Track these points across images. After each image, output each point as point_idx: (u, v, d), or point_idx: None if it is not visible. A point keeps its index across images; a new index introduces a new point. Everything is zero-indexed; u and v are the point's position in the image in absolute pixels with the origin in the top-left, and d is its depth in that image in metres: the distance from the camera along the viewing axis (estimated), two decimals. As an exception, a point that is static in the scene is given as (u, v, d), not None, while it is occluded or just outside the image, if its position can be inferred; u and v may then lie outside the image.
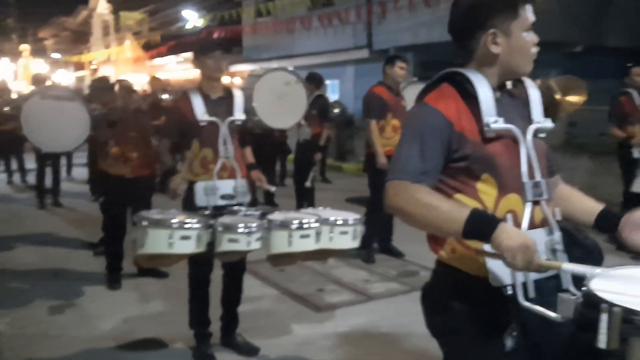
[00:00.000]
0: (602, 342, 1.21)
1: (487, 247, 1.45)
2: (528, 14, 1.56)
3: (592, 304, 1.27)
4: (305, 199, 6.91)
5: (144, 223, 2.73)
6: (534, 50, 1.59)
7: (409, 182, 1.50)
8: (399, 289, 4.50)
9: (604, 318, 1.21)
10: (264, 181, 3.32)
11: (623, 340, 1.20)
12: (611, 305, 1.21)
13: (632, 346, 1.20)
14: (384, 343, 3.55)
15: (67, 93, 4.97)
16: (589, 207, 1.68)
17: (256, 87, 4.88)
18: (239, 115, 3.30)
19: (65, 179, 9.14)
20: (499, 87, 1.63)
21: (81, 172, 9.28)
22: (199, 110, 3.18)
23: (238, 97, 3.35)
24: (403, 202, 1.50)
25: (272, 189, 3.31)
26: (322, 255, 3.07)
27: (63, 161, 8.75)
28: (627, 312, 1.20)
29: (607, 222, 1.61)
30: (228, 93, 3.36)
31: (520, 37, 1.56)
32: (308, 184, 6.72)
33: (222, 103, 3.28)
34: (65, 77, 29.04)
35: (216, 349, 3.39)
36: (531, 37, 1.58)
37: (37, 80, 8.07)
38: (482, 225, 1.41)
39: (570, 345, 1.47)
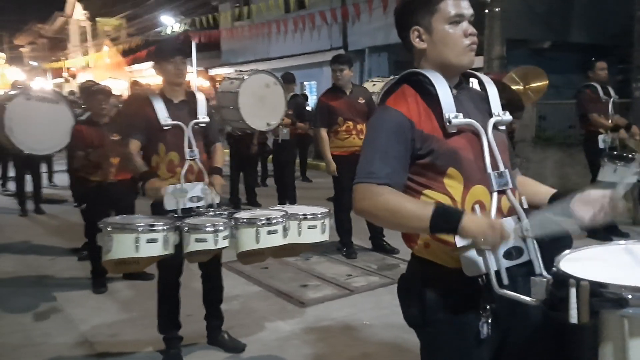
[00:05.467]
0: (573, 317, 1.24)
1: (457, 239, 1.50)
2: (450, 7, 1.60)
3: (561, 281, 1.30)
4: (287, 197, 7.00)
5: (109, 229, 2.74)
6: (467, 41, 1.62)
7: (373, 184, 1.54)
8: (380, 282, 4.60)
9: (572, 293, 1.25)
10: (217, 186, 3.25)
11: (594, 313, 1.23)
12: (578, 280, 1.26)
13: (603, 318, 1.25)
14: (365, 335, 3.63)
15: (53, 95, 4.97)
16: (542, 191, 1.74)
17: (241, 90, 4.95)
18: (202, 117, 3.32)
19: (46, 185, 9.08)
20: (456, 85, 1.69)
21: (62, 178, 9.24)
22: (162, 114, 3.19)
23: (201, 100, 3.37)
24: (368, 205, 1.55)
25: (217, 199, 3.21)
26: (293, 250, 3.11)
27: (44, 168, 8.71)
28: (596, 286, 1.24)
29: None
30: (191, 96, 3.38)
31: (442, 31, 1.61)
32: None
33: (184, 107, 3.31)
34: (43, 85, 28.70)
35: (203, 347, 3.45)
36: (461, 29, 1.62)
37: (17, 86, 8.03)
38: (447, 219, 1.46)
39: (542, 328, 1.54)
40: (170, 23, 18.93)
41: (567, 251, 1.49)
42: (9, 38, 36.63)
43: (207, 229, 2.78)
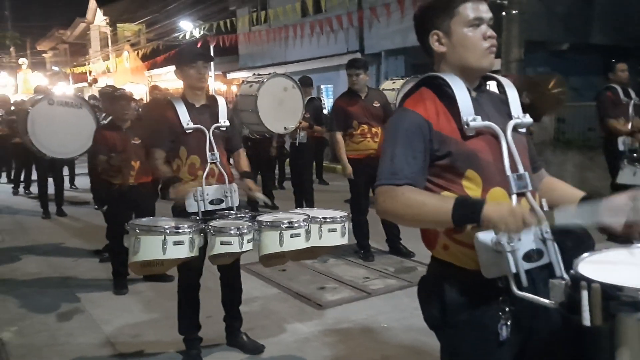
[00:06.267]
0: (586, 319, 1.24)
1: (477, 237, 1.50)
2: (468, 10, 1.63)
3: (577, 284, 1.30)
4: (304, 200, 7.03)
5: (137, 230, 2.78)
6: (486, 44, 1.64)
7: (395, 185, 1.56)
8: (397, 284, 4.60)
9: (584, 295, 1.24)
10: (255, 189, 3.35)
11: (611, 317, 1.23)
12: (590, 282, 1.25)
13: (620, 322, 1.23)
14: (384, 337, 3.64)
15: (76, 100, 5.07)
16: (571, 194, 1.73)
17: (259, 94, 5.01)
18: (223, 121, 3.36)
19: (68, 188, 9.23)
20: (476, 87, 1.71)
21: (84, 180, 9.40)
22: (184, 118, 3.23)
23: (222, 104, 3.42)
24: (392, 206, 1.57)
25: (261, 199, 3.31)
26: (312, 253, 3.13)
27: (65, 171, 8.86)
28: (612, 289, 1.23)
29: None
30: (212, 100, 3.42)
31: (461, 33, 1.64)
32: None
33: (206, 111, 3.35)
34: (64, 89, 29.23)
35: (222, 348, 3.49)
36: (480, 32, 1.64)
37: (40, 91, 8.19)
38: (468, 209, 1.48)
39: (562, 330, 1.53)
40: (189, 28, 19.12)
41: (586, 254, 1.49)
42: (32, 44, 37.33)
43: (232, 232, 2.80)
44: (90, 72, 28.84)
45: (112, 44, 27.81)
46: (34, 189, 9.23)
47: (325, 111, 10.06)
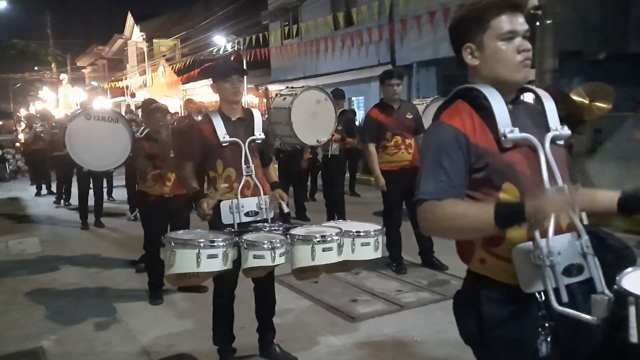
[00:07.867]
0: (633, 336, 1.21)
1: (514, 251, 1.50)
2: (503, 23, 1.60)
3: (622, 299, 1.28)
4: (336, 212, 7.03)
5: (172, 244, 2.84)
6: (520, 57, 1.61)
7: (436, 201, 1.56)
8: (431, 298, 4.55)
9: (632, 311, 1.22)
10: (285, 199, 3.38)
11: None
12: (638, 297, 1.23)
13: None
14: (417, 351, 3.61)
15: (112, 114, 5.21)
16: (608, 196, 1.61)
17: (293, 106, 5.06)
18: (258, 134, 3.41)
19: (106, 200, 9.47)
20: (512, 100, 1.68)
21: (121, 193, 9.61)
22: (221, 131, 3.29)
23: (257, 117, 3.47)
24: (435, 222, 1.57)
25: (285, 209, 3.35)
26: (345, 266, 3.12)
27: (104, 183, 9.10)
28: None
29: (630, 203, 1.57)
30: (247, 114, 3.48)
31: (494, 47, 1.62)
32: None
33: (241, 124, 3.40)
34: (103, 104, 30.01)
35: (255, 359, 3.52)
36: (513, 45, 1.61)
37: (85, 106, 8.46)
38: (511, 210, 1.47)
39: (604, 347, 1.48)
40: (222, 43, 19.47)
41: (629, 269, 1.45)
42: (72, 60, 38.59)
43: (265, 246, 2.83)
44: (127, 87, 29.61)
45: (148, 59, 28.51)
46: (73, 200, 9.50)
47: (357, 123, 10.06)
